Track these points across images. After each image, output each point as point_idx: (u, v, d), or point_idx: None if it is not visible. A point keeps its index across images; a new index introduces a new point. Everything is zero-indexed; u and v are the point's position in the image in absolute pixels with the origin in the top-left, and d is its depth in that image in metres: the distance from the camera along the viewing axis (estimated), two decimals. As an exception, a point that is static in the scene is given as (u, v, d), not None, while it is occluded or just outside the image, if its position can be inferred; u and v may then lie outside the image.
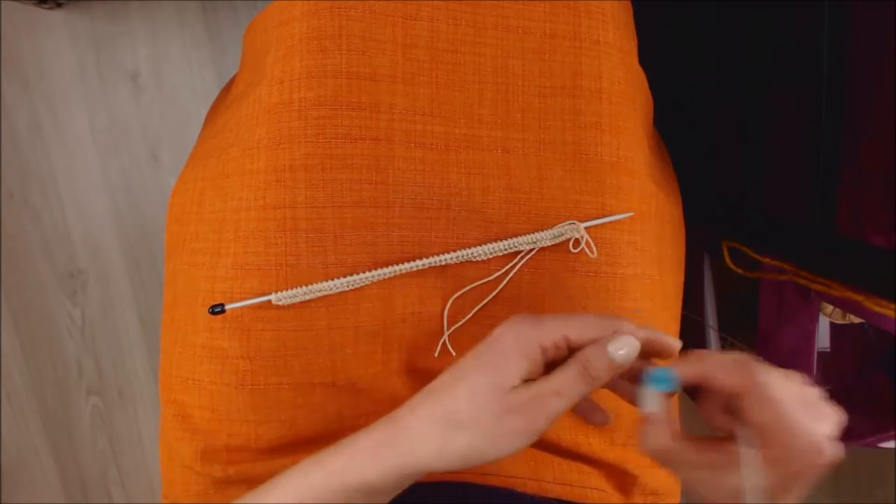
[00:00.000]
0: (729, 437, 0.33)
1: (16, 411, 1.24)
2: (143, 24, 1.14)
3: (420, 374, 0.50)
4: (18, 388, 1.23)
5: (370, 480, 0.34)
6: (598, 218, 0.49)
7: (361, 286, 0.47)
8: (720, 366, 0.34)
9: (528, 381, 0.35)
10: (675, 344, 0.36)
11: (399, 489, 0.35)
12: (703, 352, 0.35)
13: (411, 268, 0.47)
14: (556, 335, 0.34)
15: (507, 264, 0.49)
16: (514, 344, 0.34)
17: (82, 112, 1.16)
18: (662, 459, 0.35)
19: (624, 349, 0.34)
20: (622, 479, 0.52)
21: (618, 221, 0.49)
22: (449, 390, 0.34)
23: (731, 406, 0.34)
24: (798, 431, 0.31)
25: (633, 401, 0.38)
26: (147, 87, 1.16)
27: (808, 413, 0.32)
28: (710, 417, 0.35)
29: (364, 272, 0.46)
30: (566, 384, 0.34)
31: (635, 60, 0.54)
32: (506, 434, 0.33)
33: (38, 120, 1.15)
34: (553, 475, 0.49)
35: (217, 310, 0.46)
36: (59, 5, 1.11)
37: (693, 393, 0.36)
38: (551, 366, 0.35)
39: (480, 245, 0.48)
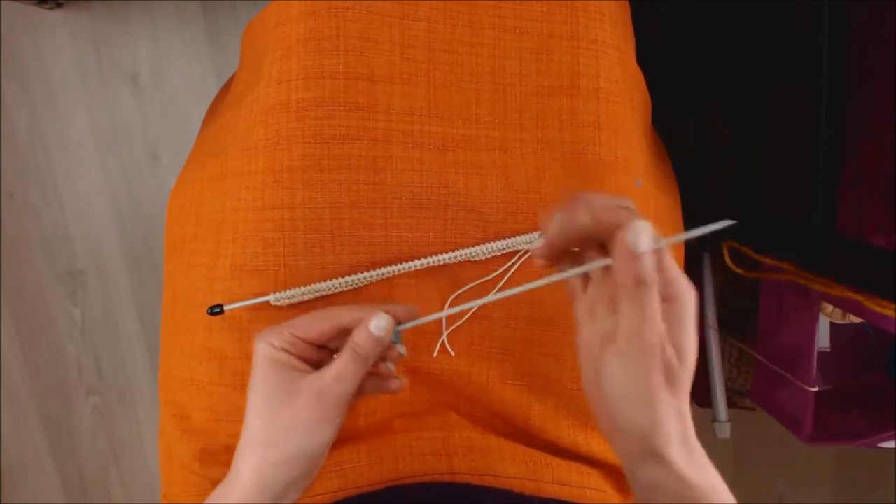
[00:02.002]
0: None
1: (16, 412, 1.24)
2: (143, 24, 1.14)
3: (419, 375, 0.50)
4: (18, 389, 1.23)
5: None
6: None
7: (360, 286, 0.46)
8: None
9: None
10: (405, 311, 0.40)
11: None
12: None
13: (410, 268, 0.47)
14: (288, 338, 0.38)
15: (505, 264, 0.49)
16: (263, 360, 0.38)
17: (82, 112, 1.16)
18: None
19: (383, 323, 0.38)
20: (621, 478, 0.52)
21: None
22: (247, 420, 0.38)
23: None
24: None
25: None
26: (147, 87, 1.16)
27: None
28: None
29: (362, 272, 0.46)
30: (343, 368, 0.37)
31: (633, 60, 0.54)
32: (307, 429, 0.37)
33: (38, 120, 1.15)
34: (552, 475, 0.48)
35: (216, 310, 0.46)
36: (59, 5, 1.11)
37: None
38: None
39: (479, 245, 0.48)
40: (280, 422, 0.37)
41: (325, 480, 0.46)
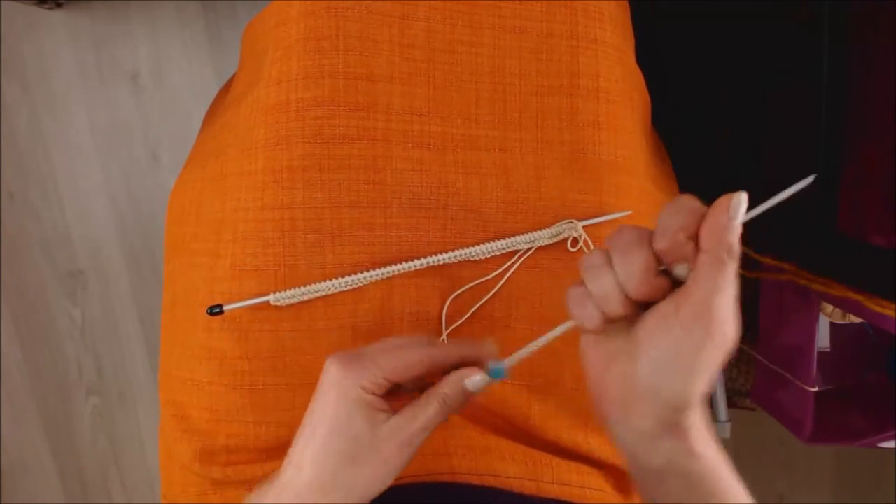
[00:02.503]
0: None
1: (16, 411, 1.24)
2: (143, 24, 1.14)
3: (418, 375, 0.50)
4: (18, 389, 1.23)
5: None
6: (596, 217, 0.49)
7: (359, 286, 0.46)
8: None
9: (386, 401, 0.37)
10: (489, 350, 0.38)
11: None
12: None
13: (409, 268, 0.47)
14: (381, 381, 0.36)
15: (504, 263, 0.48)
16: (349, 402, 0.36)
17: (82, 112, 1.16)
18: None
19: (478, 379, 0.36)
20: (621, 478, 0.52)
21: (615, 220, 0.49)
22: (318, 464, 0.36)
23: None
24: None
25: None
26: (147, 87, 1.16)
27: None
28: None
29: (362, 272, 0.46)
30: (430, 420, 0.36)
31: (632, 60, 0.54)
32: (387, 477, 0.36)
33: (38, 120, 1.15)
34: (552, 475, 0.48)
35: (215, 311, 0.46)
36: (59, 5, 1.11)
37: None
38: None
39: (478, 244, 0.48)
40: (364, 469, 0.35)
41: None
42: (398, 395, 0.38)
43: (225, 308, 0.46)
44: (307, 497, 0.35)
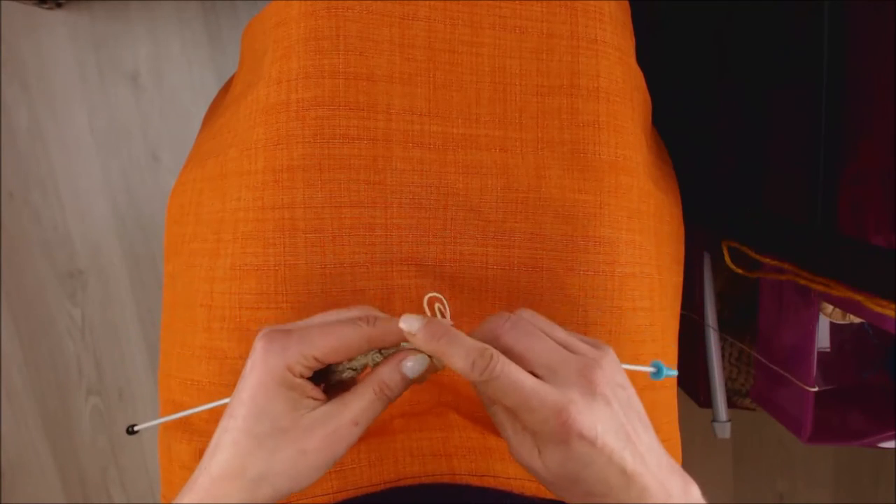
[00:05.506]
0: None
1: (16, 411, 1.24)
2: (143, 24, 1.14)
3: (418, 375, 0.50)
4: (18, 389, 1.23)
5: None
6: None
7: (360, 280, 0.46)
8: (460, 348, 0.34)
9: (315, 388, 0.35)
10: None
11: None
12: (448, 333, 0.35)
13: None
14: (305, 358, 0.33)
15: (505, 264, 0.49)
16: (273, 384, 0.33)
17: (82, 112, 1.16)
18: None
19: (417, 365, 0.35)
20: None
21: (616, 220, 0.49)
22: (233, 446, 0.33)
23: None
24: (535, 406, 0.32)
25: None
26: (147, 87, 1.16)
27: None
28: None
29: (361, 270, 0.46)
30: (363, 411, 0.34)
31: (633, 59, 0.54)
32: (311, 472, 0.34)
33: (38, 120, 1.16)
34: (552, 476, 0.48)
35: (131, 431, 0.43)
36: (59, 5, 1.11)
37: None
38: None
39: (478, 246, 0.48)
40: (278, 458, 0.33)
41: (325, 481, 0.46)
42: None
43: (137, 427, 0.42)
44: (215, 483, 0.33)
